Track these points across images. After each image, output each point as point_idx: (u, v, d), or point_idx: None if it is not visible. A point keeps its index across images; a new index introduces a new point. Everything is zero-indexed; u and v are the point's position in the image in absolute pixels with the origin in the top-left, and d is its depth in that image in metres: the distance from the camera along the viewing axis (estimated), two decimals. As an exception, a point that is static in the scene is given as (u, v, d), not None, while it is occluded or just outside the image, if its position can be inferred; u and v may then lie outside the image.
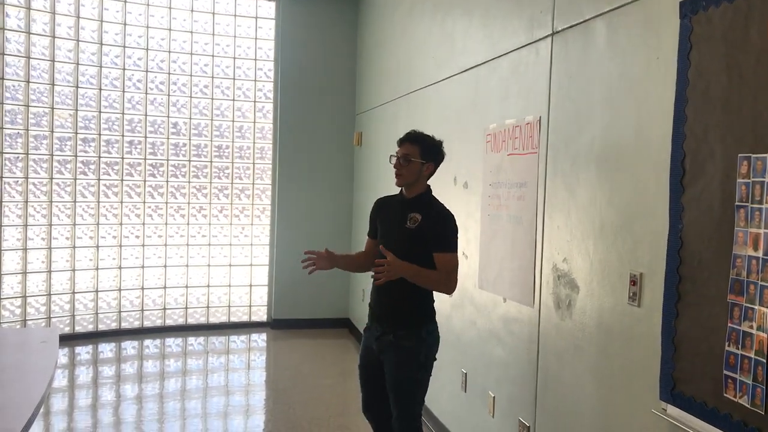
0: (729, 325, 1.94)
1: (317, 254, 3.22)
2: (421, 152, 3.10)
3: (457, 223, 3.17)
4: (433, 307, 3.17)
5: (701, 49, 2.09)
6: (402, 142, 3.15)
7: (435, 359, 3.16)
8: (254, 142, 7.40)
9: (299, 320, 7.43)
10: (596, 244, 2.69)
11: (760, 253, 1.84)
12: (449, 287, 3.08)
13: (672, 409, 2.18)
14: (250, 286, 7.52)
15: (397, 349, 3.07)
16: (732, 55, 1.96)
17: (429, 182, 3.22)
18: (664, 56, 2.29)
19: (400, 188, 3.21)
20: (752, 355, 1.85)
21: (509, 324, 3.48)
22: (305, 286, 7.34)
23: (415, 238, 3.05)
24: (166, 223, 7.14)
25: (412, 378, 3.08)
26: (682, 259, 2.15)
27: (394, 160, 3.14)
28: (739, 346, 1.89)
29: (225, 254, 7.41)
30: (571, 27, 2.92)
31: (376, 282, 3.00)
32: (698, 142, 2.09)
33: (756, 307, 1.84)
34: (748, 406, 1.85)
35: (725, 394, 1.94)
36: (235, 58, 7.27)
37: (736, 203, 1.92)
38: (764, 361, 1.81)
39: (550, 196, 3.06)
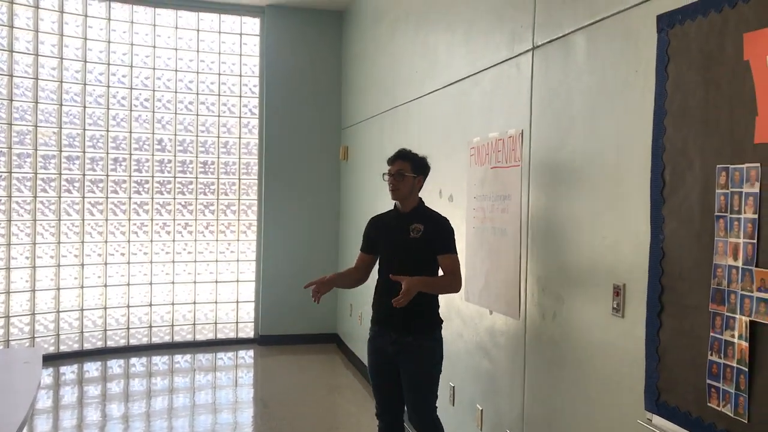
0: (711, 334, 1.95)
1: (317, 285, 3.47)
2: (412, 167, 3.37)
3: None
4: (439, 311, 3.42)
5: (678, 62, 2.12)
6: (394, 159, 3.41)
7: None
8: (240, 158, 7.39)
9: (287, 336, 7.39)
10: (579, 255, 2.70)
11: (739, 263, 1.85)
12: (458, 286, 3.34)
13: (657, 419, 2.18)
14: (237, 302, 7.47)
15: (416, 349, 3.30)
16: (708, 68, 1.99)
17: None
18: (642, 69, 2.32)
19: (394, 204, 3.47)
20: (734, 364, 1.86)
21: (496, 336, 3.48)
22: (292, 301, 7.34)
23: (421, 246, 3.30)
24: (151, 240, 7.09)
25: (431, 374, 3.35)
26: (664, 269, 2.16)
27: (387, 177, 3.39)
28: (722, 355, 1.91)
29: (211, 270, 7.37)
30: (551, 41, 2.95)
31: (397, 305, 3.11)
32: (677, 154, 2.11)
33: (737, 317, 1.86)
34: (732, 415, 1.86)
35: (709, 404, 1.95)
36: (220, 74, 7.27)
37: (716, 213, 1.94)
38: (746, 369, 1.82)
39: (534, 208, 3.08)
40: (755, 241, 1.80)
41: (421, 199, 3.45)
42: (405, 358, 3.31)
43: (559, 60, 2.89)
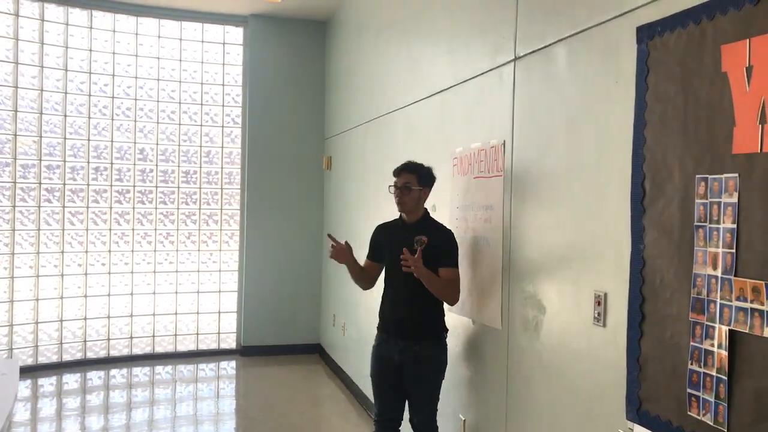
0: (691, 343, 1.96)
1: (338, 245, 3.56)
2: (418, 179, 3.44)
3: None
4: (444, 319, 3.51)
5: (658, 73, 2.14)
6: (400, 172, 3.45)
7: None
8: (222, 167, 7.36)
9: (269, 347, 7.34)
10: (561, 265, 2.71)
11: (719, 272, 1.87)
12: (455, 297, 3.41)
13: (639, 429, 2.19)
14: (219, 312, 7.41)
15: (423, 358, 3.40)
16: (687, 79, 2.01)
17: None
18: (623, 80, 2.34)
19: (399, 214, 3.53)
20: (714, 373, 1.87)
21: (478, 346, 3.48)
22: (275, 312, 7.31)
23: (425, 258, 3.29)
24: (132, 251, 7.03)
25: (436, 380, 3.45)
26: (644, 278, 2.18)
27: (393, 189, 3.42)
28: (702, 365, 1.92)
29: (193, 281, 7.30)
30: (532, 52, 2.97)
31: (405, 269, 3.23)
32: (657, 164, 2.13)
33: (716, 326, 1.87)
34: (712, 424, 1.87)
35: (689, 413, 1.96)
36: (202, 83, 7.24)
37: (695, 223, 1.96)
38: (725, 378, 1.83)
39: (516, 218, 3.09)
40: (734, 250, 1.82)
41: (426, 210, 3.53)
42: (411, 366, 3.40)
43: (541, 71, 2.91)
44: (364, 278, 3.72)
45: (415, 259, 3.21)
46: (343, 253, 3.56)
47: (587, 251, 2.54)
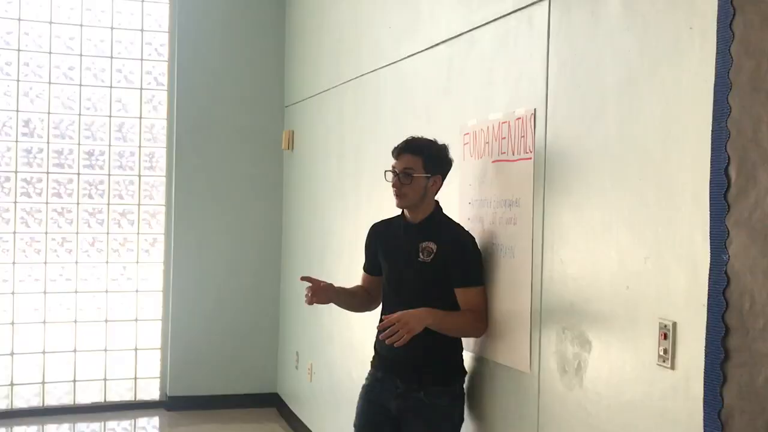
0: (793, 392, 1.97)
1: (314, 284, 3.60)
2: (425, 164, 3.41)
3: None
4: (462, 357, 3.53)
5: (749, 15, 2.14)
6: (399, 153, 3.43)
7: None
8: (140, 146, 7.32)
9: (206, 398, 7.31)
10: (613, 284, 2.72)
11: (831, 293, 1.88)
12: (479, 330, 3.43)
13: None
14: (136, 350, 7.37)
15: (428, 409, 3.39)
16: (789, 24, 2.02)
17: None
18: (699, 26, 2.34)
19: (402, 210, 3.54)
20: (824, 433, 1.88)
21: (499, 396, 3.48)
22: (214, 349, 7.27)
23: (432, 273, 3.39)
24: (13, 262, 6.97)
25: None
26: (728, 302, 2.18)
27: (390, 176, 3.41)
28: (807, 421, 1.93)
29: (99, 305, 7.25)
30: (575, -14, 2.99)
31: (396, 345, 3.23)
32: (747, 143, 2.13)
33: (828, 367, 1.88)
34: (821, 504, 1.89)
35: (790, 488, 1.97)
36: (113, 28, 7.21)
37: (799, 225, 1.97)
38: (840, 440, 1.84)
39: (551, 218, 3.10)
40: None
41: (437, 204, 3.54)
42: (412, 419, 3.43)
43: (586, 12, 2.91)
44: (361, 305, 3.83)
45: (398, 319, 3.22)
46: (323, 291, 3.63)
47: (648, 264, 2.54)
